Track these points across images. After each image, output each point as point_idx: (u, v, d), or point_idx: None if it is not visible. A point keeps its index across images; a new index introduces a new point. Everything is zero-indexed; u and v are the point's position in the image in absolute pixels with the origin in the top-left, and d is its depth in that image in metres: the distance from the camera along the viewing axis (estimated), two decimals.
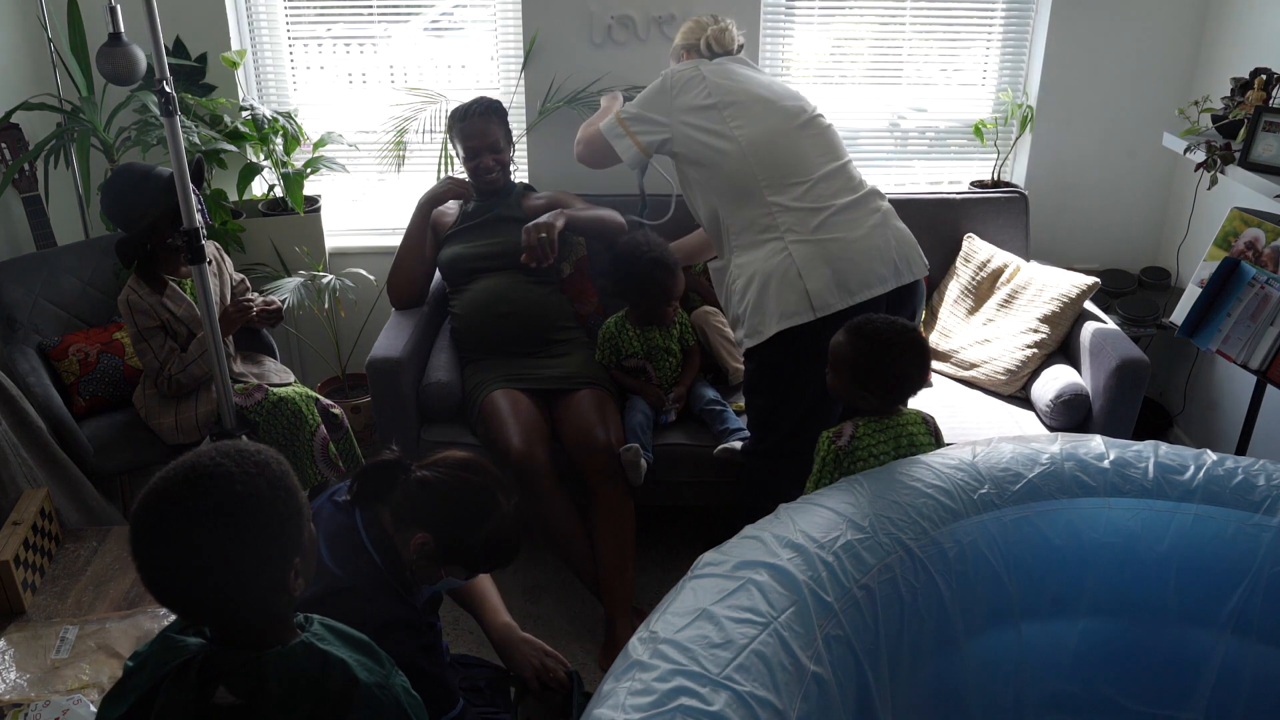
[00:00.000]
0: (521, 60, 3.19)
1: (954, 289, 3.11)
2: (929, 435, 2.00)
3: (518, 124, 3.21)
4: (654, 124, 2.35)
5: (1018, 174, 3.41)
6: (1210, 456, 1.87)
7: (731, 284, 2.32)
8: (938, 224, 3.15)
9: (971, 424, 2.73)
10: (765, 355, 2.27)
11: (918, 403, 2.79)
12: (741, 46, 2.53)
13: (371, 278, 3.29)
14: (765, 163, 2.27)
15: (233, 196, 3.21)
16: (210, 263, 2.46)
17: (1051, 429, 2.71)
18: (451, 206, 2.99)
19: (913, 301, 2.32)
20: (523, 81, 3.22)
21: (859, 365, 1.93)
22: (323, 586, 1.48)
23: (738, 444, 2.52)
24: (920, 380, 1.99)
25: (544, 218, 2.73)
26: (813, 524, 1.63)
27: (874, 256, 2.23)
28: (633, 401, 2.68)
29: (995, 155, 3.38)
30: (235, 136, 3.07)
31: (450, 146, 2.99)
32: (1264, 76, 2.62)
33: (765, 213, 2.26)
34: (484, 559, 1.60)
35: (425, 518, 1.55)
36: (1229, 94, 2.71)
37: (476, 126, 2.82)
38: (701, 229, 2.56)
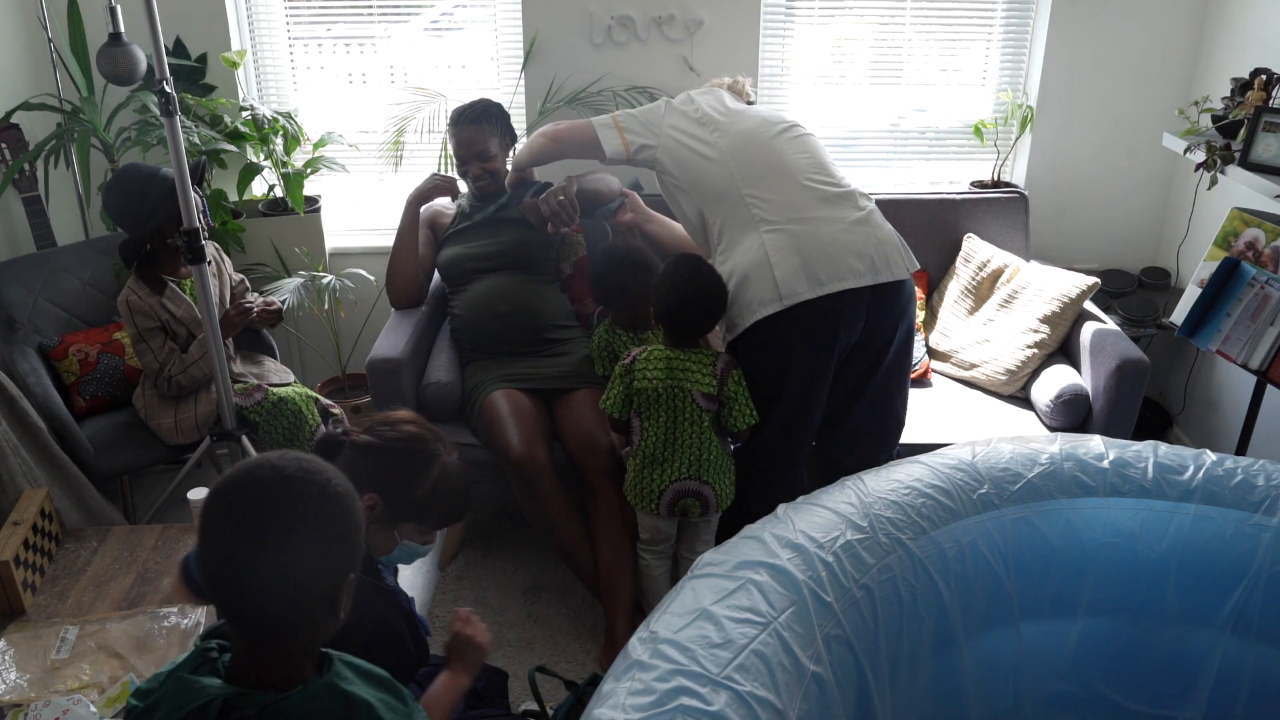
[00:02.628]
0: (521, 60, 3.19)
1: (954, 289, 3.11)
2: (712, 378, 2.27)
3: (518, 124, 3.20)
4: (644, 131, 2.49)
5: (1018, 174, 3.41)
6: (1209, 456, 1.87)
7: None
8: (938, 224, 3.15)
9: (971, 424, 2.73)
10: (744, 351, 2.30)
11: (919, 403, 2.78)
12: (752, 104, 2.69)
13: (371, 278, 3.29)
14: (743, 161, 2.36)
15: (233, 197, 3.21)
16: (210, 263, 2.46)
17: (1051, 429, 2.71)
18: (449, 206, 2.98)
19: (899, 303, 2.31)
20: (523, 81, 3.22)
21: (659, 296, 2.29)
22: None
23: None
24: (692, 329, 2.29)
25: (552, 187, 2.69)
26: (812, 524, 1.63)
27: (847, 250, 2.24)
28: None
29: (995, 155, 3.38)
30: (235, 137, 3.07)
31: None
32: (1264, 76, 2.62)
33: (743, 207, 2.31)
34: (434, 512, 1.63)
35: (368, 478, 1.56)
36: (1229, 94, 2.72)
37: (465, 134, 2.80)
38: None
